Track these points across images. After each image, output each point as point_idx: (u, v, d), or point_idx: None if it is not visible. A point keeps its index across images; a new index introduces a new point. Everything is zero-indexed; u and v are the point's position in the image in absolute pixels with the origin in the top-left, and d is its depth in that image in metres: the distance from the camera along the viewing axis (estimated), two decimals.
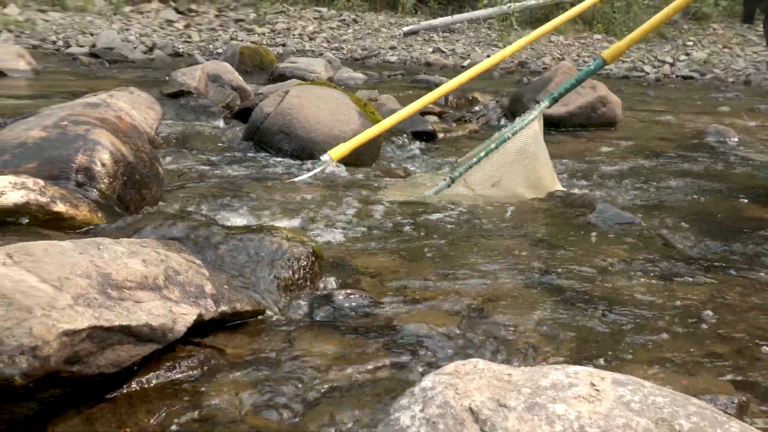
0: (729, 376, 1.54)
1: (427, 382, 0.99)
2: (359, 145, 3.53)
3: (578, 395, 0.93)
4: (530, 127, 3.22)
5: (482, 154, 3.19)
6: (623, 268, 2.20)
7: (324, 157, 3.42)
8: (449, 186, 3.16)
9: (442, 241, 2.42)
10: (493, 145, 3.20)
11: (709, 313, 1.85)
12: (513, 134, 3.20)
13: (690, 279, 2.14)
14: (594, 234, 2.55)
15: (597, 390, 0.94)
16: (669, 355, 1.62)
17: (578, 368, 1.01)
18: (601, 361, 1.57)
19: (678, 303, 1.93)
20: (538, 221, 2.72)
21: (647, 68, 11.19)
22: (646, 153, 4.45)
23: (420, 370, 1.49)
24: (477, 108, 5.67)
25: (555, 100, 3.53)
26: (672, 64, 11.58)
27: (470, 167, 3.18)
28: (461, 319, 1.74)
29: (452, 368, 1.03)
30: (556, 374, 0.98)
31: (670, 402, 0.93)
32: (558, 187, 3.23)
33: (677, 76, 10.80)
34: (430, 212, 2.78)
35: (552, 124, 5.13)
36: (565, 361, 1.56)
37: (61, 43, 9.95)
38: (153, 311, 1.33)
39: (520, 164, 3.17)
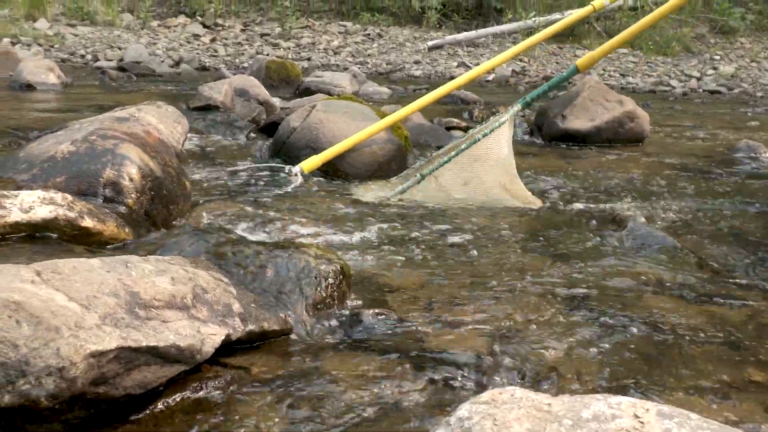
0: None
1: (463, 411, 0.96)
2: (332, 157, 3.50)
3: (621, 427, 0.90)
4: (501, 131, 3.30)
5: (453, 153, 3.26)
6: (658, 289, 2.15)
7: (295, 169, 3.38)
8: (419, 183, 3.21)
9: (468, 258, 2.39)
10: (463, 146, 3.26)
11: (748, 336, 1.80)
12: (484, 136, 3.28)
13: (727, 301, 2.08)
14: (626, 253, 2.50)
15: (641, 422, 0.90)
16: (708, 382, 1.57)
17: (621, 398, 0.96)
18: (639, 387, 1.52)
19: (715, 326, 1.88)
20: (567, 238, 2.67)
21: (673, 82, 11.07)
22: (677, 169, 4.38)
23: (451, 394, 1.45)
24: None
25: (528, 104, 3.62)
26: (699, 79, 11.45)
27: (440, 165, 3.25)
28: (492, 341, 1.70)
29: (489, 397, 1.00)
30: (597, 405, 0.95)
31: None
32: (531, 198, 3.27)
33: (704, 91, 10.68)
34: (455, 228, 2.75)
35: (578, 140, 5.09)
36: (601, 387, 1.52)
37: (89, 56, 10.03)
38: (181, 331, 1.31)
39: (489, 166, 3.24)
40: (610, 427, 0.89)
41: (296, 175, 3.36)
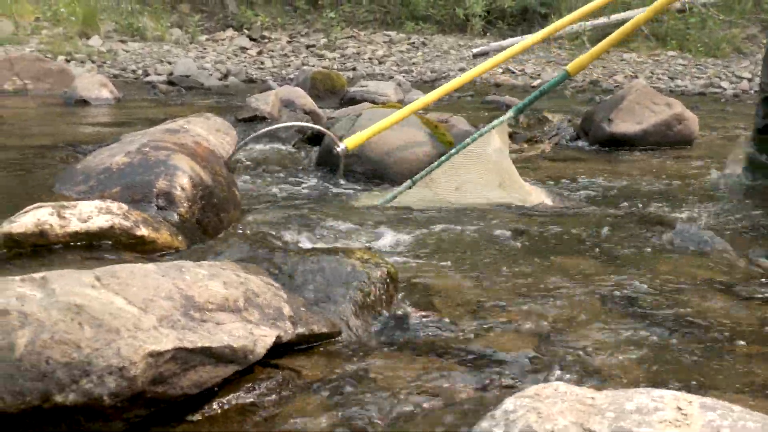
0: None
1: (508, 404, 0.98)
2: (373, 135, 3.53)
3: (664, 419, 0.91)
4: (491, 136, 3.38)
5: (443, 158, 3.33)
6: (707, 289, 2.14)
7: (341, 147, 3.41)
8: (409, 188, 3.28)
9: (512, 259, 2.40)
10: (453, 150, 3.34)
11: None
12: (473, 141, 3.36)
13: None
14: (674, 254, 2.49)
15: (684, 414, 0.92)
16: (754, 379, 1.56)
17: (664, 392, 0.98)
18: (685, 384, 1.52)
19: (764, 326, 1.87)
20: (612, 239, 2.67)
21: (724, 84, 10.88)
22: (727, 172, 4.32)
23: (499, 393, 1.47)
24: (548, 128, 5.61)
25: (520, 111, 3.69)
26: (750, 80, 11.23)
27: (430, 171, 3.32)
28: (539, 341, 1.71)
29: (533, 391, 1.02)
30: (640, 398, 0.96)
31: (762, 427, 0.90)
32: (535, 196, 3.31)
33: (756, 92, 10.48)
34: (495, 229, 2.76)
35: (626, 143, 5.05)
36: (647, 385, 1.52)
37: (140, 71, 10.27)
38: (234, 333, 1.36)
39: (481, 170, 3.31)
40: (653, 419, 0.91)
41: (341, 150, 3.39)
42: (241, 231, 2.54)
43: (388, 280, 1.91)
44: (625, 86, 5.86)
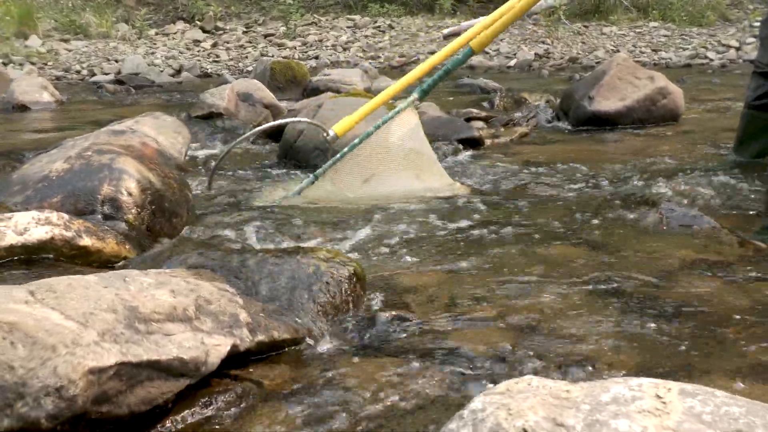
0: None
1: (476, 403, 0.98)
2: (362, 118, 3.50)
3: (643, 409, 0.91)
4: (400, 120, 3.36)
5: (346, 149, 3.30)
6: (693, 271, 2.15)
7: (330, 134, 3.42)
8: (313, 183, 3.26)
9: (487, 250, 2.41)
10: (356, 140, 3.31)
11: None
12: (376, 128, 3.33)
13: None
14: (660, 235, 2.50)
15: (663, 402, 0.92)
16: (747, 362, 1.58)
17: (642, 380, 0.98)
18: (672, 372, 1.53)
19: (760, 308, 1.88)
20: (593, 223, 2.68)
21: (711, 54, 11.00)
22: (714, 146, 4.36)
23: (474, 391, 1.47)
24: (525, 110, 5.63)
25: (425, 93, 3.59)
26: (738, 48, 11.37)
27: (333, 164, 3.29)
28: (515, 334, 1.71)
29: (504, 387, 1.02)
30: (617, 388, 0.96)
31: (746, 412, 0.90)
32: (450, 184, 3.32)
33: (744, 61, 10.59)
34: (469, 218, 2.77)
35: (608, 122, 5.07)
36: (635, 374, 1.53)
37: (85, 72, 10.18)
38: (184, 344, 1.34)
39: (392, 159, 3.30)
40: (631, 409, 0.91)
41: (331, 137, 3.38)
42: (195, 235, 2.53)
43: (354, 280, 1.91)
44: (606, 61, 5.89)
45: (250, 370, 1.57)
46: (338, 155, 3.30)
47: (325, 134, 3.36)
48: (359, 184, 3.24)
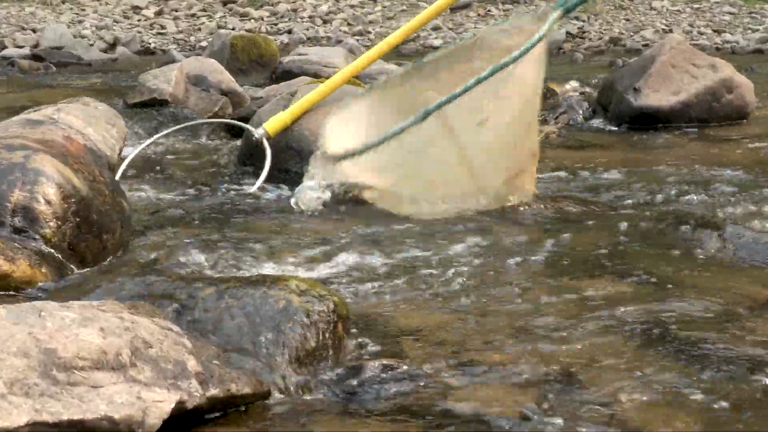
0: None
1: None
2: (301, 114, 3.57)
3: None
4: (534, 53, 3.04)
5: (471, 82, 2.96)
6: (765, 312, 2.15)
7: (258, 132, 3.41)
8: (422, 122, 3.02)
9: (505, 281, 2.41)
10: (485, 74, 2.97)
11: None
12: (513, 60, 2.98)
13: None
14: (725, 268, 2.51)
15: None
16: None
17: None
18: None
19: None
20: (639, 250, 2.69)
21: None
22: None
23: None
24: (555, 103, 5.63)
25: (568, 10, 3.23)
26: None
27: (453, 98, 2.98)
28: (540, 394, 1.71)
29: None
30: None
31: None
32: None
33: None
34: (483, 240, 2.77)
35: (658, 120, 5.08)
36: None
37: None
38: (115, 399, 1.33)
39: (511, 106, 3.11)
40: None
41: (261, 139, 3.38)
42: (131, 257, 2.52)
43: (335, 318, 1.91)
44: (656, 44, 5.92)
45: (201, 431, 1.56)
46: (459, 90, 2.99)
47: (252, 135, 3.36)
48: (472, 127, 3.05)
